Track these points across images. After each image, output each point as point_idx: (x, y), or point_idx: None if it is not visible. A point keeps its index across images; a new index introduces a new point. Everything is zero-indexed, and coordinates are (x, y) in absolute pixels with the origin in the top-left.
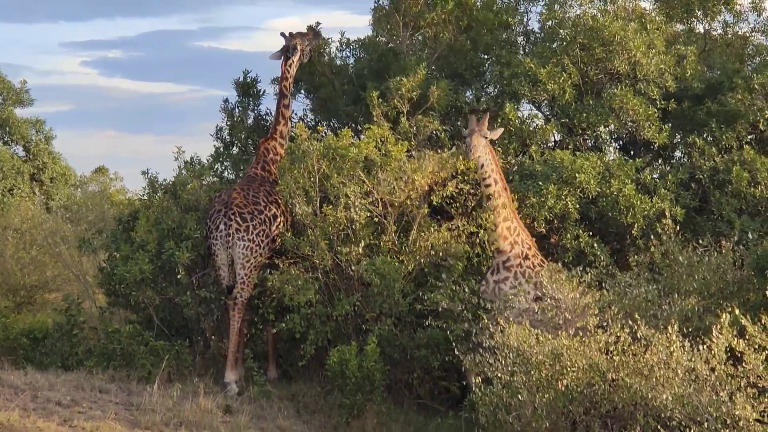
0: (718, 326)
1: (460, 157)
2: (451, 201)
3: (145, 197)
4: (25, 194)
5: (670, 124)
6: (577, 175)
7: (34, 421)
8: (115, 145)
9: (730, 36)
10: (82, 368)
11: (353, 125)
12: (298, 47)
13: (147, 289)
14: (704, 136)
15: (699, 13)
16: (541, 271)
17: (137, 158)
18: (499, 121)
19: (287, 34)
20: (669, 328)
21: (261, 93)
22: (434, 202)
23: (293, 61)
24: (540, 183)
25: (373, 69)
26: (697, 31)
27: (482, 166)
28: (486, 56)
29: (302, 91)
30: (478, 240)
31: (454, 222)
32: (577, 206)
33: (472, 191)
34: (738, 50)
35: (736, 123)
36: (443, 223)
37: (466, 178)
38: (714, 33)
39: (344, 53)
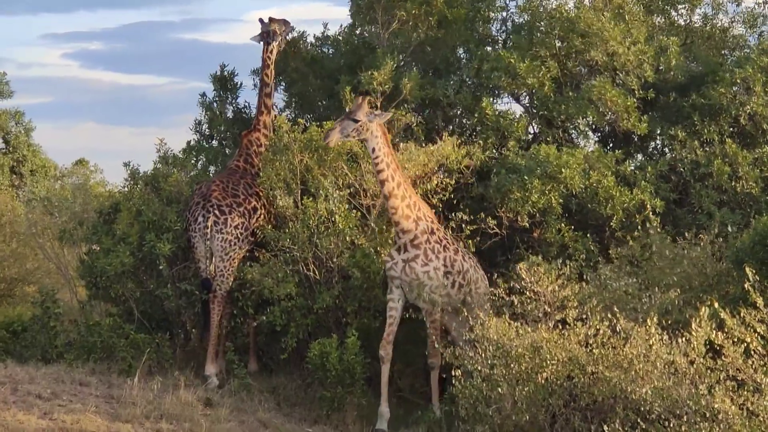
0: (698, 319)
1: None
2: (434, 194)
3: (126, 189)
4: (3, 186)
5: (649, 115)
6: (562, 170)
7: (14, 414)
8: (95, 138)
9: (709, 28)
10: (62, 361)
11: (331, 119)
12: (278, 32)
13: (128, 281)
14: (686, 128)
15: (681, 6)
16: (449, 245)
17: (118, 150)
18: (476, 116)
19: (266, 20)
20: (648, 321)
21: (239, 86)
22: (418, 194)
23: (273, 47)
24: (525, 177)
25: (347, 63)
26: (678, 23)
27: (373, 150)
28: (462, 49)
29: (283, 84)
30: (462, 234)
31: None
32: (561, 201)
33: (459, 182)
34: (718, 42)
35: (719, 117)
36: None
37: (452, 169)
38: (694, 25)
39: (320, 48)
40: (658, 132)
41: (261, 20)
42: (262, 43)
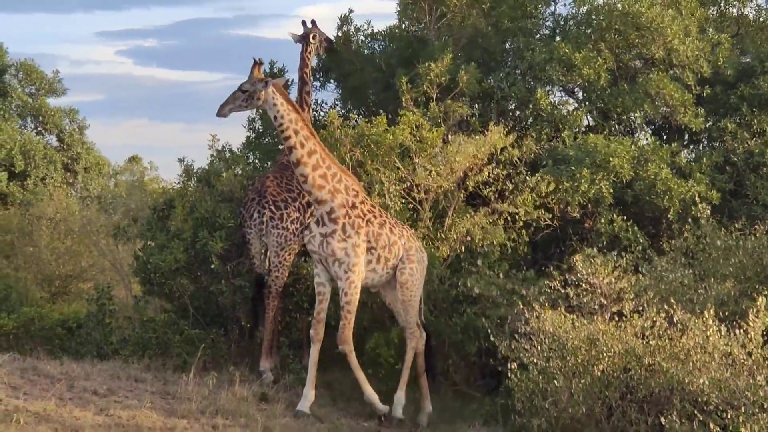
0: (755, 310)
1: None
2: (486, 186)
3: (180, 185)
4: (57, 184)
5: (702, 108)
6: (610, 159)
7: (71, 411)
8: (149, 135)
9: (762, 19)
10: (117, 357)
11: (383, 113)
12: (317, 36)
13: (182, 277)
14: (737, 120)
15: None
16: (373, 219)
17: (171, 147)
18: (530, 108)
19: (308, 23)
20: (705, 312)
21: (290, 83)
22: (470, 187)
23: (311, 49)
24: (573, 167)
25: (401, 57)
26: (730, 14)
27: (275, 118)
28: (513, 41)
29: (332, 81)
30: (515, 225)
31: (491, 207)
32: (611, 190)
33: (509, 174)
34: None
35: None
36: (480, 208)
37: (501, 160)
38: (747, 17)
39: (372, 43)
40: (710, 124)
41: (303, 22)
42: (301, 44)
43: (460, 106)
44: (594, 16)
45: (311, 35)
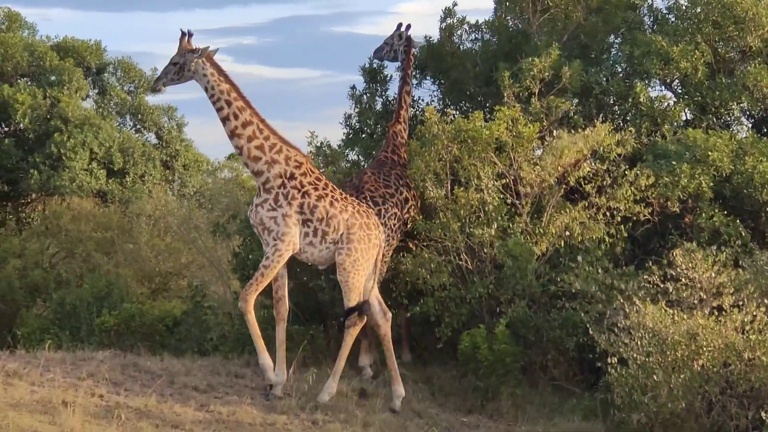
0: None
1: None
2: (586, 181)
3: None
4: (156, 181)
5: None
6: (709, 153)
7: (171, 407)
8: None
9: None
10: (217, 353)
11: (484, 107)
12: (412, 39)
13: None
14: None
15: None
16: (312, 191)
17: None
18: (629, 102)
19: (405, 26)
20: None
21: (388, 78)
22: (571, 182)
23: (412, 50)
24: (673, 162)
25: (503, 51)
26: None
27: (206, 89)
28: (615, 36)
29: (428, 77)
30: (614, 220)
31: (589, 201)
32: (711, 184)
33: (608, 169)
34: None
35: None
36: (578, 203)
37: (602, 156)
38: None
39: (473, 36)
40: None
41: (400, 25)
42: (404, 46)
43: (563, 102)
44: (695, 8)
45: (410, 36)
